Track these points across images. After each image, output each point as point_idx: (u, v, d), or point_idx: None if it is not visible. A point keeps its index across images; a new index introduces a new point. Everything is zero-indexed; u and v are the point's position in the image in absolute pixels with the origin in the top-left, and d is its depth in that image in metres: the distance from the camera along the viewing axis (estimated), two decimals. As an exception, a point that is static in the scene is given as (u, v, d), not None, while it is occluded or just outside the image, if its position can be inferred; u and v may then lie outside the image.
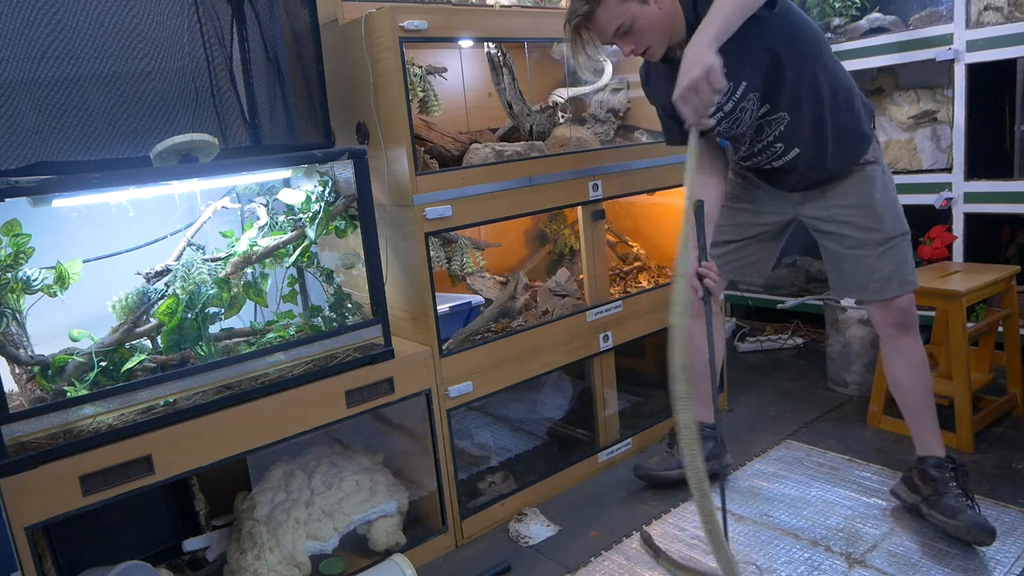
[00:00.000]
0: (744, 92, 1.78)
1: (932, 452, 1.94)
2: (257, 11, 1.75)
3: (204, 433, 1.61)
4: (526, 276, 2.56)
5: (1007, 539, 1.84)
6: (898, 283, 1.88)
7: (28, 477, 1.42)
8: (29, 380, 1.58)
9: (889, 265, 1.88)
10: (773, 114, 1.82)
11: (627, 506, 2.19)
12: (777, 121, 1.83)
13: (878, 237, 1.88)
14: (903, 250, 1.89)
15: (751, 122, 1.85)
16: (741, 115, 1.82)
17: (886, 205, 1.88)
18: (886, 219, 1.88)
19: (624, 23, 1.71)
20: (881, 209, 1.88)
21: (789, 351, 3.40)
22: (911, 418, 1.99)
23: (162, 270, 1.79)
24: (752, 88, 1.78)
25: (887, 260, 1.88)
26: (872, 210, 1.88)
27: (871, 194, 1.88)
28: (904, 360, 1.95)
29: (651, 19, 1.72)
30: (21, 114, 1.48)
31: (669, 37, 1.77)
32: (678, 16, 1.75)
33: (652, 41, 1.75)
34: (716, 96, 1.58)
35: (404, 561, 1.81)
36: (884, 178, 1.90)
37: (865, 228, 1.89)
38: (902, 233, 1.89)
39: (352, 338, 1.86)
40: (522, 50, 2.45)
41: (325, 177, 1.88)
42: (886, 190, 1.89)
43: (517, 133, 2.41)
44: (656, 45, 1.77)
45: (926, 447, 1.95)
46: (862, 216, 1.89)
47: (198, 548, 1.91)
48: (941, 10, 2.93)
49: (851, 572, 1.78)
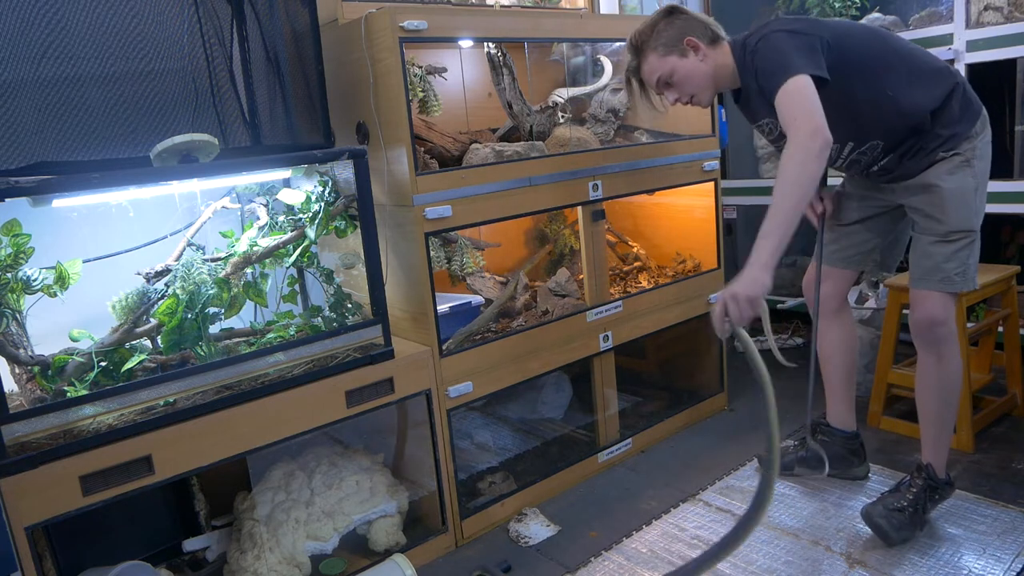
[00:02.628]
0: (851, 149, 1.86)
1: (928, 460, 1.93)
2: (257, 11, 1.75)
3: (204, 433, 1.61)
4: (526, 276, 2.56)
5: (1007, 539, 1.84)
6: (939, 278, 1.79)
7: (28, 477, 1.42)
8: (29, 380, 1.58)
9: (940, 257, 1.79)
10: (862, 146, 1.84)
11: (627, 506, 2.19)
12: (870, 149, 1.84)
13: (939, 228, 1.80)
14: (965, 248, 1.79)
15: (837, 159, 1.90)
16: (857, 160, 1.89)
17: (955, 196, 1.78)
18: (950, 210, 1.78)
19: (663, 75, 1.83)
20: (948, 198, 1.78)
21: (789, 351, 3.40)
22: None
23: (162, 270, 1.79)
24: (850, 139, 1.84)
25: (942, 249, 1.79)
26: (938, 196, 1.79)
27: (941, 181, 1.79)
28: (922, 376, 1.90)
29: (690, 71, 1.82)
30: (21, 114, 1.48)
31: (715, 85, 1.86)
32: (725, 65, 1.83)
33: (695, 90, 1.85)
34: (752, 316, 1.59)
35: (404, 561, 1.81)
36: (965, 172, 1.78)
37: (928, 216, 1.82)
38: (966, 230, 1.79)
39: (352, 338, 1.86)
40: (522, 50, 2.45)
41: (325, 177, 1.88)
42: (961, 182, 1.78)
43: (517, 133, 2.41)
44: (700, 94, 1.86)
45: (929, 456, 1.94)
46: (927, 202, 1.82)
47: (198, 548, 1.91)
48: (941, 10, 2.93)
49: (851, 572, 1.78)
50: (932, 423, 1.91)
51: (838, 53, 1.71)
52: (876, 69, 1.76)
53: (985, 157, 1.83)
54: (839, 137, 1.76)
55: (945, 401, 1.89)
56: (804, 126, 1.58)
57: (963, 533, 1.88)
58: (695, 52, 1.81)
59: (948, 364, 1.85)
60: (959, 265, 1.79)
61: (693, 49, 1.81)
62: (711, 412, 2.78)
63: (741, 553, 1.89)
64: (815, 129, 1.57)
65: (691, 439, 2.60)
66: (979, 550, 1.81)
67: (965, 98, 1.80)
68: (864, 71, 1.75)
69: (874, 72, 1.76)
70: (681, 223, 2.82)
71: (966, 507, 1.99)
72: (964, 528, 1.90)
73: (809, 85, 1.62)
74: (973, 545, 1.83)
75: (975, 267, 1.82)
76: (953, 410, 1.94)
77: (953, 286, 1.80)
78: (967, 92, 1.81)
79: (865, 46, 1.77)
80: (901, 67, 1.78)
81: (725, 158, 3.61)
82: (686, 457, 2.47)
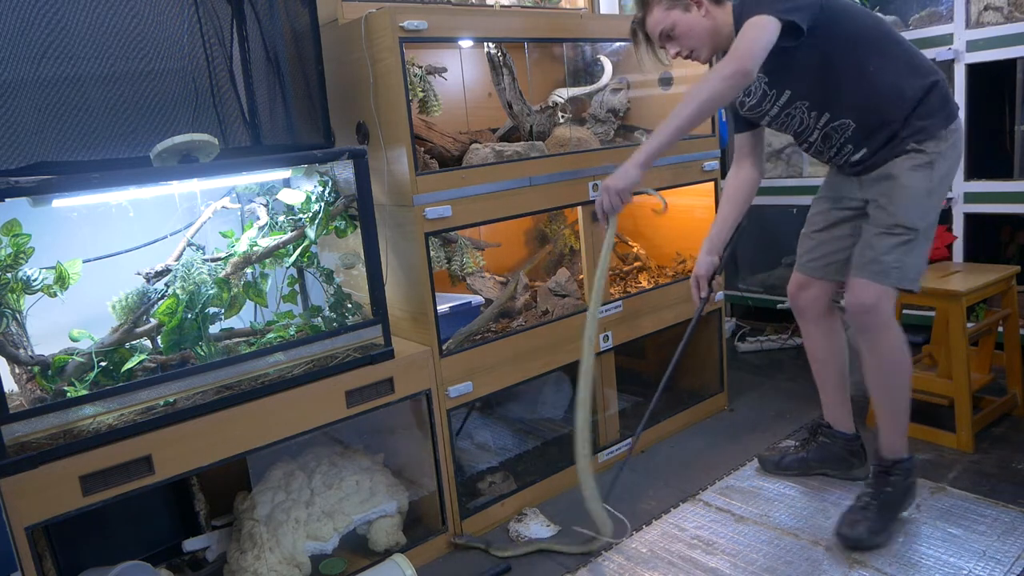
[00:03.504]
0: (789, 99, 1.87)
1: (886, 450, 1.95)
2: (257, 11, 1.75)
3: (204, 433, 1.61)
4: (526, 276, 2.56)
5: (1007, 539, 1.84)
6: (875, 269, 1.79)
7: (28, 477, 1.42)
8: (29, 380, 1.58)
9: (881, 248, 1.79)
10: (834, 121, 1.86)
11: (627, 506, 2.18)
12: (841, 128, 1.86)
13: (885, 219, 1.80)
14: (905, 244, 1.78)
15: (813, 131, 1.90)
16: (789, 120, 1.92)
17: (909, 192, 1.78)
18: (899, 203, 1.78)
19: (666, 28, 1.87)
20: (901, 192, 1.78)
21: (789, 351, 3.40)
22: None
23: (162, 270, 1.79)
24: (800, 96, 1.86)
25: (883, 241, 1.79)
26: (893, 188, 1.80)
27: (900, 174, 1.79)
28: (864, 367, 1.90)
29: (692, 25, 1.85)
30: (21, 114, 1.48)
31: (715, 43, 1.88)
32: (726, 24, 1.85)
33: (695, 45, 1.88)
34: (623, 205, 1.84)
35: (404, 561, 1.81)
36: (925, 172, 1.77)
37: (879, 206, 1.82)
38: (909, 227, 1.77)
39: (352, 338, 1.86)
40: (522, 50, 2.45)
41: (325, 177, 1.88)
42: (918, 182, 1.77)
43: (517, 133, 2.41)
44: (700, 49, 1.89)
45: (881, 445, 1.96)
46: (882, 192, 1.82)
47: (198, 548, 1.91)
48: (941, 10, 2.93)
49: (851, 572, 1.78)
50: (878, 408, 1.95)
51: (831, 18, 1.75)
52: (863, 45, 1.79)
53: (950, 161, 1.82)
54: (815, 102, 1.84)
55: (886, 387, 1.90)
56: (740, 59, 1.67)
57: (963, 533, 1.88)
58: (698, 7, 1.85)
59: (883, 352, 1.85)
60: (897, 260, 1.78)
61: (696, 4, 1.84)
62: (711, 412, 2.78)
63: (741, 553, 1.89)
64: (742, 58, 1.66)
65: (691, 439, 2.60)
66: (979, 550, 1.81)
67: (944, 97, 1.82)
68: (851, 43, 1.78)
69: (861, 47, 1.79)
70: (681, 223, 2.82)
71: (966, 507, 1.99)
72: (964, 528, 1.90)
73: (773, 30, 1.68)
74: (973, 545, 1.83)
75: (916, 268, 1.81)
76: (899, 397, 1.90)
77: (887, 279, 1.79)
78: (947, 92, 1.83)
79: (859, 22, 1.80)
80: (889, 51, 1.80)
81: (725, 158, 3.60)
82: (686, 457, 2.47)
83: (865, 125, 1.83)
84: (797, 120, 1.91)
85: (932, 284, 2.33)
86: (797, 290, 2.13)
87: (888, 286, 1.79)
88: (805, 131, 1.92)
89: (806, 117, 1.89)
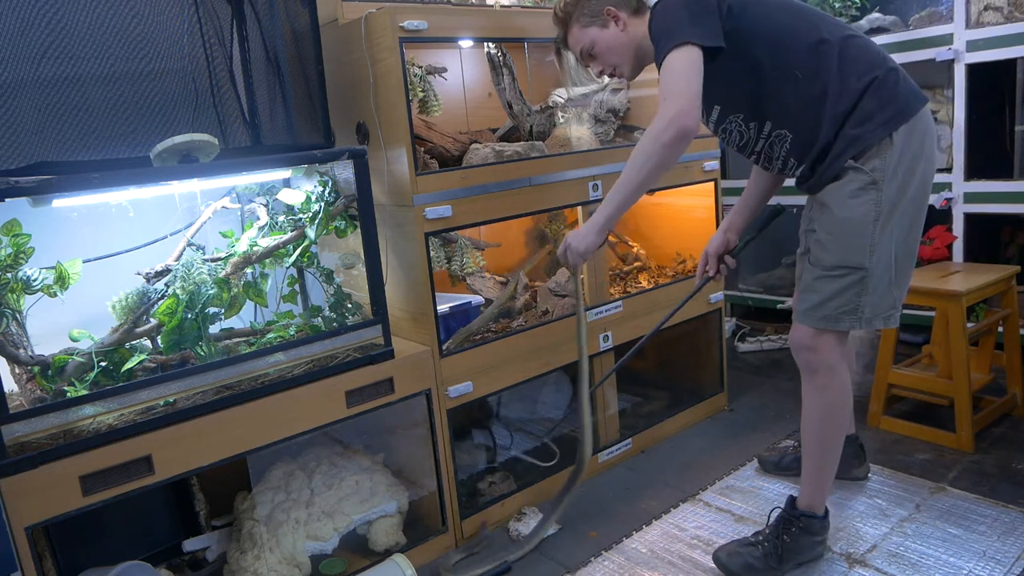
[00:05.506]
0: (721, 115, 1.74)
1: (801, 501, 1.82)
2: (257, 11, 1.75)
3: (204, 433, 1.61)
4: (526, 276, 2.56)
5: (1007, 539, 1.84)
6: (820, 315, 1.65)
7: (28, 477, 1.42)
8: (29, 380, 1.58)
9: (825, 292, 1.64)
10: (775, 131, 1.69)
11: (627, 506, 2.19)
12: (780, 138, 1.69)
13: (825, 258, 1.64)
14: (856, 285, 1.62)
15: (757, 140, 1.73)
16: (728, 136, 1.77)
17: (847, 225, 1.60)
18: (837, 240, 1.61)
19: (585, 46, 1.80)
20: (838, 226, 1.61)
21: (789, 351, 3.39)
22: None
23: (162, 270, 1.79)
24: (731, 111, 1.72)
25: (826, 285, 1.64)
26: (829, 221, 1.63)
27: (835, 204, 1.62)
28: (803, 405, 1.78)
29: (610, 42, 1.77)
30: (21, 114, 1.48)
31: (638, 58, 1.80)
32: (646, 37, 1.72)
33: (617, 62, 1.81)
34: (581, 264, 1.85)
35: (404, 561, 1.81)
36: (867, 197, 1.58)
37: (819, 242, 1.66)
38: (854, 267, 1.60)
39: (352, 338, 1.86)
40: (522, 50, 2.45)
41: (325, 177, 1.88)
42: (858, 210, 1.59)
43: (517, 133, 2.41)
44: (623, 66, 1.81)
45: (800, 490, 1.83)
46: (822, 227, 1.66)
47: (198, 548, 1.91)
48: (941, 10, 2.93)
49: (851, 572, 1.78)
50: (807, 452, 1.80)
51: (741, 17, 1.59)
52: (780, 43, 1.61)
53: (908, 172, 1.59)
54: (749, 112, 1.69)
55: (821, 434, 1.76)
56: (668, 110, 1.52)
57: (963, 533, 1.88)
58: (616, 22, 1.76)
59: (822, 395, 1.73)
60: (846, 303, 1.63)
61: (613, 19, 1.76)
62: (711, 412, 2.78)
63: (741, 553, 1.89)
64: (675, 116, 1.51)
65: (691, 439, 2.60)
66: (979, 550, 1.81)
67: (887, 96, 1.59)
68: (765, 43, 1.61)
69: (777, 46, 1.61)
70: (681, 223, 2.82)
71: (966, 507, 1.99)
72: (964, 528, 1.90)
73: (691, 59, 1.52)
74: (973, 545, 1.83)
75: (877, 305, 1.63)
76: (831, 447, 1.77)
77: (838, 324, 1.65)
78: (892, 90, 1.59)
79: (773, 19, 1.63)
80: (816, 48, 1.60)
81: (725, 158, 3.62)
82: (686, 457, 2.47)
83: (800, 137, 1.66)
84: (736, 135, 1.75)
85: (932, 284, 2.33)
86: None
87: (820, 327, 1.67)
88: (748, 144, 1.76)
89: (744, 130, 1.73)
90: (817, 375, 1.73)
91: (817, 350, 1.70)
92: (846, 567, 1.80)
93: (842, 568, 1.80)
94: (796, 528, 1.79)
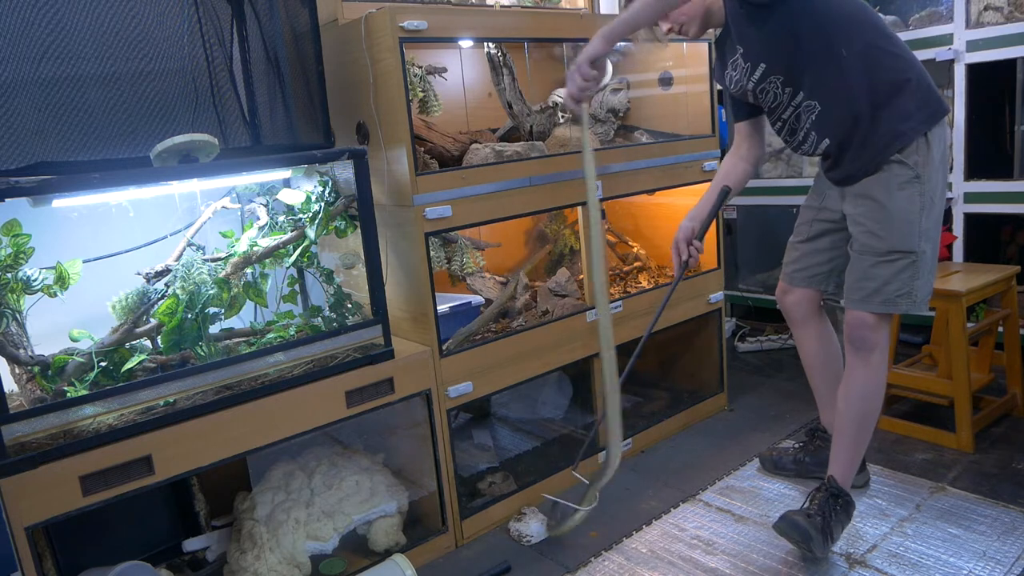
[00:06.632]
0: (764, 74, 1.80)
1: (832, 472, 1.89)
2: (257, 11, 1.75)
3: (204, 433, 1.61)
4: (526, 276, 2.56)
5: (1007, 539, 1.84)
6: (880, 300, 1.75)
7: (28, 477, 1.42)
8: (29, 380, 1.58)
9: (882, 278, 1.74)
10: (805, 101, 1.78)
11: (627, 506, 2.19)
12: (808, 109, 1.78)
13: (879, 245, 1.74)
14: (909, 268, 1.73)
15: (787, 108, 1.82)
16: (764, 96, 1.85)
17: (901, 214, 1.71)
18: (894, 228, 1.72)
19: None
20: (893, 216, 1.72)
21: (789, 351, 3.40)
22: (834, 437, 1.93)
23: (162, 270, 1.79)
24: (773, 71, 1.79)
25: (882, 270, 1.74)
26: (882, 213, 1.73)
27: (885, 198, 1.72)
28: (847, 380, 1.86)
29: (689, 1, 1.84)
30: (21, 114, 1.48)
31: (705, 17, 1.85)
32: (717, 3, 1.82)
33: (684, 19, 1.85)
34: (589, 84, 1.79)
35: (404, 561, 1.81)
36: (913, 190, 1.71)
37: (870, 232, 1.76)
38: (907, 251, 1.72)
39: (352, 338, 1.86)
40: (522, 50, 2.45)
41: (325, 177, 1.88)
42: (907, 202, 1.71)
43: (517, 133, 2.41)
44: (689, 23, 1.86)
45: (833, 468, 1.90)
46: (868, 216, 1.76)
47: (198, 548, 1.91)
48: (941, 10, 2.93)
49: (851, 572, 1.78)
50: (845, 432, 1.87)
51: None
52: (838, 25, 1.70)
53: (939, 171, 1.73)
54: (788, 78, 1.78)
55: (863, 412, 1.84)
56: None
57: (963, 533, 1.88)
58: None
59: (875, 373, 1.82)
60: (902, 286, 1.73)
61: None
62: (711, 412, 2.78)
63: (741, 553, 1.89)
64: None
65: (691, 439, 2.60)
66: (979, 550, 1.81)
67: (924, 96, 1.72)
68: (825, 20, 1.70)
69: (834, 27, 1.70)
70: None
71: (966, 507, 1.99)
72: (964, 528, 1.90)
73: None
74: (973, 545, 1.83)
75: (925, 290, 1.75)
76: (868, 426, 1.87)
77: (896, 308, 1.75)
78: (927, 90, 1.73)
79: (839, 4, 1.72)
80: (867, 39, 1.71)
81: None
82: (686, 457, 2.47)
83: (830, 112, 1.75)
84: (771, 96, 1.83)
85: (932, 284, 2.33)
86: (782, 294, 2.11)
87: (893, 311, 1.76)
88: (779, 107, 1.84)
89: (780, 93, 1.81)
90: (873, 353, 1.80)
91: (877, 329, 1.79)
92: (846, 567, 1.80)
93: (842, 568, 1.80)
94: (839, 506, 1.85)
